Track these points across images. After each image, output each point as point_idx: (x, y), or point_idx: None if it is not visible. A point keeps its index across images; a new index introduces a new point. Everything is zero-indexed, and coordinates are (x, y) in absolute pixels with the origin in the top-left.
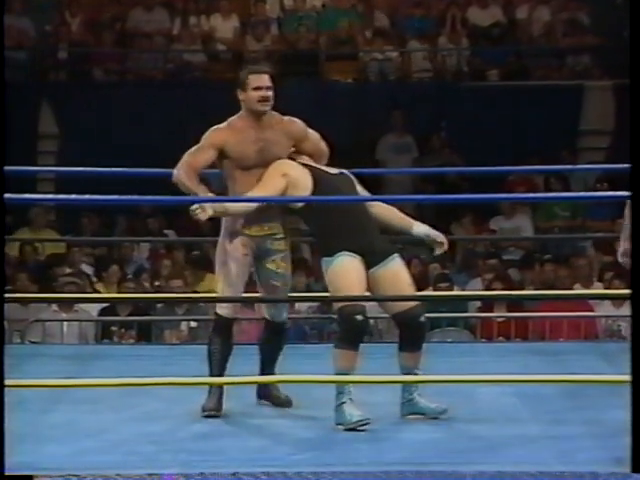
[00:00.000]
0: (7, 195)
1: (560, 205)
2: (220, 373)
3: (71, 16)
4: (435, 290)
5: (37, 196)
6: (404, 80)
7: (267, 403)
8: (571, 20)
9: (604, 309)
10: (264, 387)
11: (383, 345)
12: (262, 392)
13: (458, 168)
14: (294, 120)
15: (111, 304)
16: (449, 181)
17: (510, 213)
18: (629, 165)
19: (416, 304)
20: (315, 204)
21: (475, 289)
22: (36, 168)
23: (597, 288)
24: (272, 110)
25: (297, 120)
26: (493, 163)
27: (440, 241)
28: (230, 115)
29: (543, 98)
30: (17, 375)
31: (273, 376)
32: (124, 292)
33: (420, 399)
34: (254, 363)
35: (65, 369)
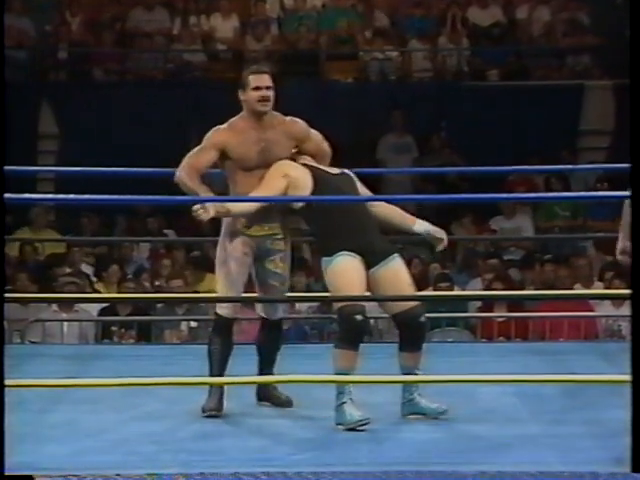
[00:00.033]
0: (7, 195)
1: (560, 205)
2: (220, 373)
3: (71, 16)
4: (435, 290)
5: (37, 196)
6: (404, 80)
7: (267, 404)
8: (571, 20)
9: (604, 309)
10: (263, 389)
11: (383, 345)
12: (262, 394)
13: (458, 168)
14: (296, 120)
15: (111, 304)
16: (449, 181)
17: (510, 213)
18: (629, 165)
19: (416, 304)
20: (315, 204)
21: (475, 289)
22: (36, 168)
23: (597, 288)
24: (273, 110)
25: (299, 120)
26: (493, 163)
27: (440, 237)
28: (230, 115)
29: (543, 98)
30: (17, 375)
31: (273, 376)
32: (124, 292)
33: (420, 399)
34: (254, 363)
35: (65, 369)
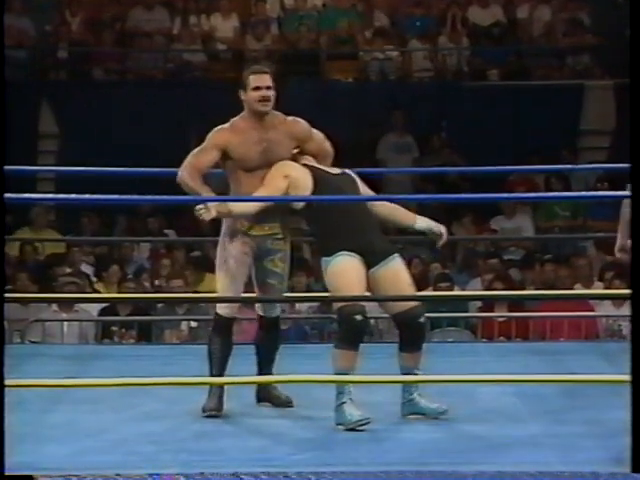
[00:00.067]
0: (7, 195)
1: (561, 205)
2: (220, 373)
3: (71, 15)
4: (436, 290)
5: (37, 196)
6: (405, 80)
7: (267, 404)
8: (571, 20)
9: (605, 309)
10: (263, 389)
11: (383, 345)
12: (261, 394)
13: (458, 168)
14: (298, 120)
15: (111, 304)
16: (449, 181)
17: (511, 213)
18: (629, 165)
19: (416, 304)
20: (316, 204)
21: (476, 289)
22: (36, 168)
23: (598, 288)
24: (274, 110)
25: (301, 120)
26: (494, 163)
27: (440, 232)
28: (230, 115)
29: (544, 98)
30: (17, 375)
31: (273, 376)
32: (124, 292)
33: (420, 399)
34: (254, 363)
35: (65, 369)
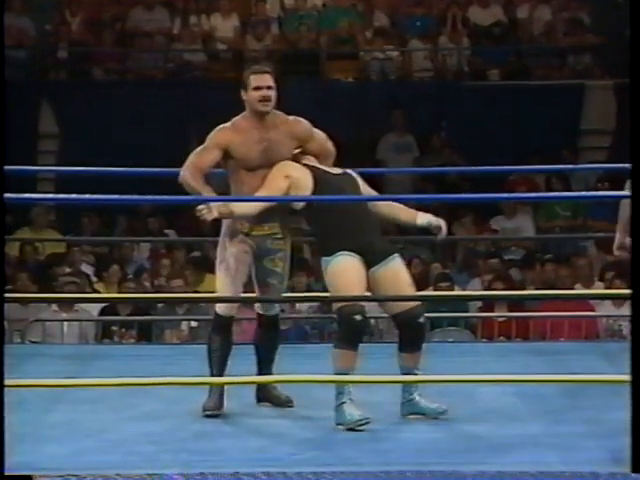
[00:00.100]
0: (7, 195)
1: (561, 205)
2: (220, 372)
3: (71, 15)
4: (436, 290)
5: (37, 196)
6: (405, 79)
7: (267, 405)
8: (572, 19)
9: (605, 309)
10: (263, 389)
11: (383, 345)
12: (261, 395)
13: (459, 168)
14: (299, 120)
15: (111, 304)
16: (450, 181)
17: (511, 213)
18: (629, 165)
19: (416, 304)
20: (316, 204)
21: (476, 289)
22: (36, 168)
23: (598, 288)
24: (275, 109)
25: (302, 120)
26: (494, 163)
27: (439, 225)
28: (230, 115)
29: (544, 98)
30: (17, 375)
31: (273, 376)
32: (124, 292)
33: (420, 399)
34: (254, 363)
35: (65, 369)
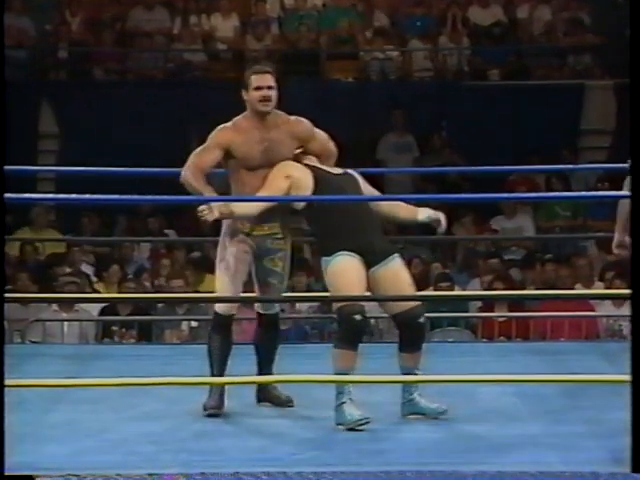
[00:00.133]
0: (7, 195)
1: (561, 205)
2: (221, 371)
3: (71, 15)
4: (436, 290)
5: (37, 196)
6: (405, 79)
7: (267, 404)
8: (572, 19)
9: (605, 309)
10: (263, 389)
11: (383, 345)
12: (261, 395)
13: (459, 168)
14: (301, 120)
15: (112, 304)
16: (450, 181)
17: (511, 213)
18: (630, 164)
19: (416, 304)
20: (317, 204)
21: (476, 289)
22: (36, 167)
23: (598, 288)
24: (277, 109)
25: (304, 120)
26: (494, 163)
27: (438, 219)
28: (231, 115)
29: (544, 97)
30: (17, 375)
31: (273, 376)
32: (124, 292)
33: (420, 399)
34: (254, 363)
35: (65, 369)
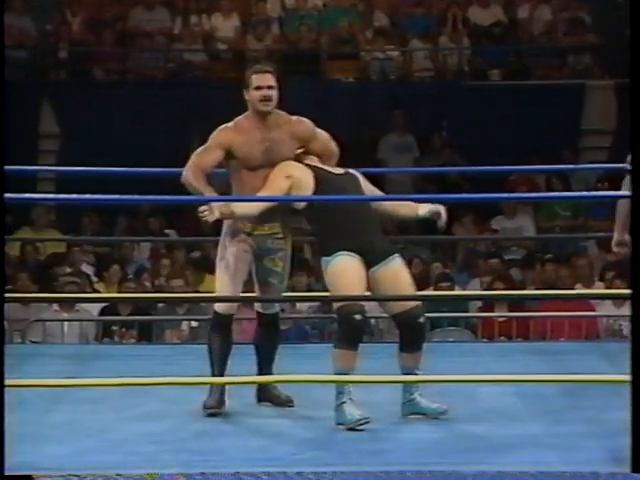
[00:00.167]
0: (7, 195)
1: (561, 205)
2: (221, 370)
3: (72, 15)
4: (436, 290)
5: (38, 196)
6: (405, 79)
7: (267, 404)
8: (572, 19)
9: (605, 309)
10: (263, 389)
11: (383, 345)
12: (262, 394)
13: (459, 168)
14: (302, 120)
15: (112, 304)
16: (450, 181)
17: (511, 213)
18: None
19: (416, 304)
20: (317, 204)
21: (476, 289)
22: (37, 167)
23: (598, 288)
24: (278, 109)
25: (305, 120)
26: (494, 163)
27: (438, 211)
28: (231, 115)
29: (544, 98)
30: (17, 375)
31: (273, 376)
32: (125, 292)
33: (421, 399)
34: (254, 362)
35: (66, 369)
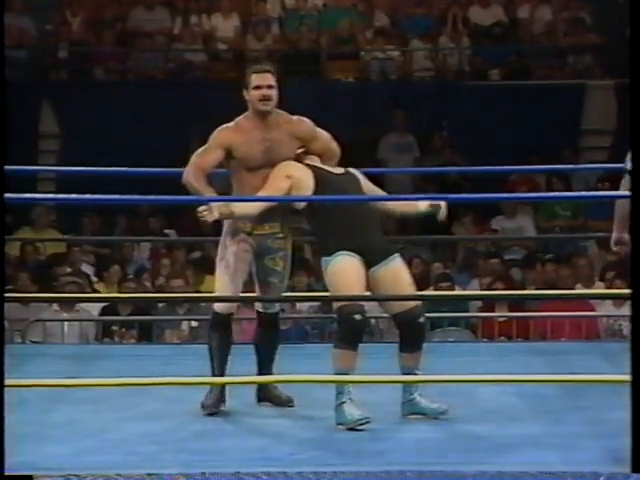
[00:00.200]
0: (7, 195)
1: (561, 205)
2: (221, 369)
3: (72, 15)
4: (436, 290)
5: (38, 196)
6: (405, 79)
7: (268, 404)
8: (573, 19)
9: (605, 309)
10: (263, 389)
11: (383, 345)
12: (262, 394)
13: (459, 167)
14: (302, 120)
15: (112, 304)
16: (450, 181)
17: (511, 213)
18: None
19: (416, 304)
20: (317, 204)
21: (476, 289)
22: (37, 167)
23: (598, 288)
24: (278, 109)
25: (306, 120)
26: (494, 163)
27: (438, 204)
28: (231, 115)
29: (544, 97)
30: (17, 375)
31: (273, 376)
32: (125, 292)
33: (421, 399)
34: (254, 362)
35: (66, 369)
